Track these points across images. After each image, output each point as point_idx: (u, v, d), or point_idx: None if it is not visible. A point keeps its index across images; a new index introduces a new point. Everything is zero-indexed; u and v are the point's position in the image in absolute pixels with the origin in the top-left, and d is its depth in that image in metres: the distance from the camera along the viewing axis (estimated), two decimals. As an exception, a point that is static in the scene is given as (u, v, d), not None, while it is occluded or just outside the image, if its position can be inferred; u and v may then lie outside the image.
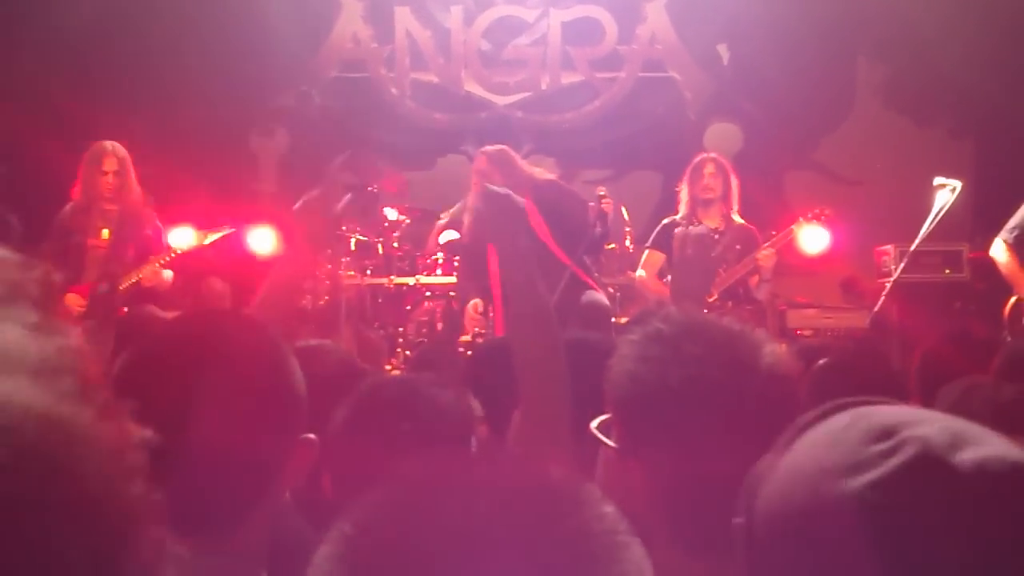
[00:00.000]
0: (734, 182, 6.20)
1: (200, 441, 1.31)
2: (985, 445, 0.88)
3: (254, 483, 1.44)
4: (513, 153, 6.19)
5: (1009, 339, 5.39)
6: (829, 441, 0.93)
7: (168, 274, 6.36)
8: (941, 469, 0.86)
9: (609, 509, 0.80)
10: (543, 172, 6.33)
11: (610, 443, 1.53)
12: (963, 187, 6.27)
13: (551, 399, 1.97)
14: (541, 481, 0.81)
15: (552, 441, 1.94)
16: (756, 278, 6.12)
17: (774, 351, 1.46)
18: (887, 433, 0.89)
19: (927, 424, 0.90)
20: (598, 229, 5.95)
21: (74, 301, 5.96)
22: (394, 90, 9.40)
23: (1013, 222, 6.20)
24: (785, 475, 0.94)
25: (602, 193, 6.08)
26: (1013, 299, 6.12)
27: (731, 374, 1.42)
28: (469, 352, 5.62)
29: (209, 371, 1.38)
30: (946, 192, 6.27)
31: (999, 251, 6.20)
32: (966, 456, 0.86)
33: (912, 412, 0.95)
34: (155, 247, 6.38)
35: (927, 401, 2.73)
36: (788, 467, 0.94)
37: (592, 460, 1.58)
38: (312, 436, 1.51)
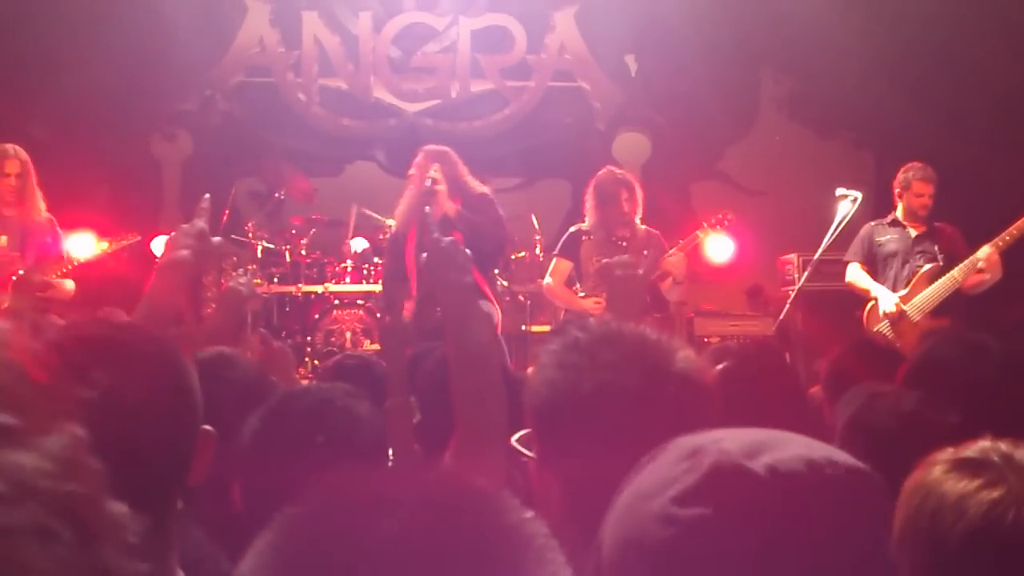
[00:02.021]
0: (639, 194, 6.21)
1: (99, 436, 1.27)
2: (780, 450, 0.92)
3: (164, 474, 1.41)
4: (456, 157, 6.05)
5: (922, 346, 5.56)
6: (652, 467, 0.97)
7: (70, 284, 6.17)
8: (737, 475, 0.90)
9: (529, 514, 0.80)
10: (479, 185, 6.22)
11: (530, 454, 1.51)
12: (864, 198, 6.45)
13: (487, 435, 1.96)
14: (463, 489, 0.80)
15: (488, 472, 1.92)
16: (668, 282, 6.16)
17: (687, 357, 1.46)
18: (693, 452, 0.94)
19: (730, 439, 0.95)
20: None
21: None
22: (301, 96, 9.29)
23: (853, 248, 6.58)
24: (617, 504, 0.98)
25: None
26: (870, 304, 6.41)
27: (644, 380, 1.41)
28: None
29: (99, 371, 1.36)
30: (847, 202, 6.45)
31: (854, 271, 6.56)
32: (761, 461, 0.91)
33: (725, 431, 0.98)
34: (55, 255, 6.18)
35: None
36: (620, 497, 0.98)
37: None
38: (209, 428, 1.49)
